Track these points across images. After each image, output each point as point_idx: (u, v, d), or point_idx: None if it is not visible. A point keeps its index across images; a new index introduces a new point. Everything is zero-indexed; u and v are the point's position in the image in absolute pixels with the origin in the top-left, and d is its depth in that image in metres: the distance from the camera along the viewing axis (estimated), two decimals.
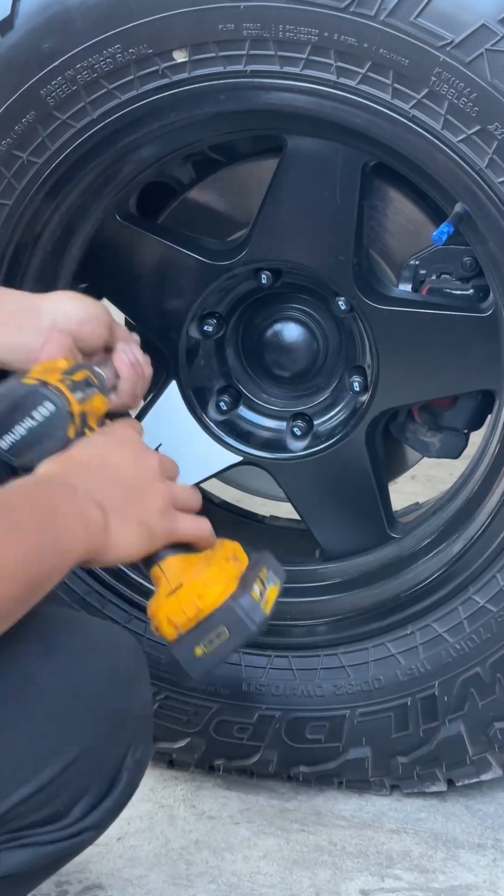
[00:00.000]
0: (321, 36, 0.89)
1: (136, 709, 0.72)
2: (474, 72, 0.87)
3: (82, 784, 0.69)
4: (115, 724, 0.70)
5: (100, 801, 0.70)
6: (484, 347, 1.03)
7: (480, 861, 1.04)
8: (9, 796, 0.66)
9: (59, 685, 0.68)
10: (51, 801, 0.68)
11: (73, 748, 0.68)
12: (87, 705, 0.69)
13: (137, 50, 0.92)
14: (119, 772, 0.70)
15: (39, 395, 0.78)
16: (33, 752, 0.67)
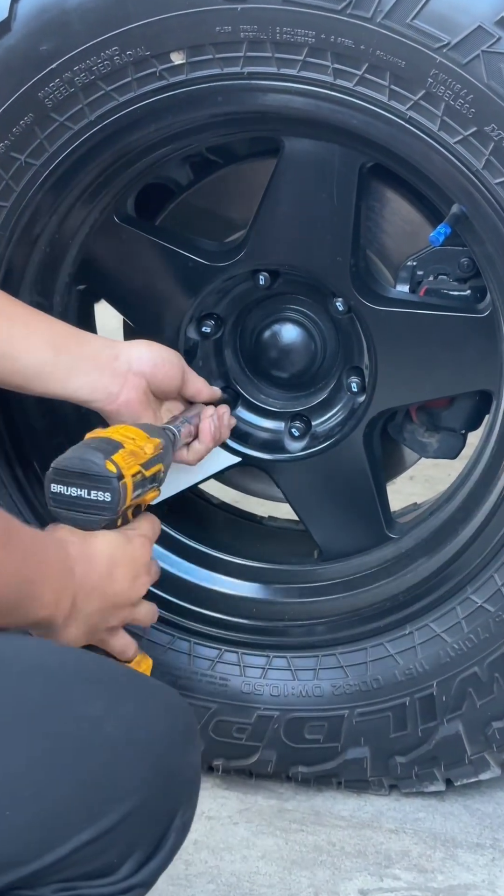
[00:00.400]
0: (318, 38, 0.89)
1: (188, 771, 0.73)
2: (471, 73, 0.88)
3: (135, 839, 0.69)
4: (170, 783, 0.71)
5: (149, 859, 0.70)
6: (481, 348, 1.03)
7: (479, 861, 1.05)
8: (68, 840, 0.66)
9: (124, 736, 0.69)
10: (105, 852, 0.68)
11: (131, 800, 0.68)
12: (147, 760, 0.70)
13: (135, 52, 0.92)
14: (167, 831, 0.71)
15: (106, 485, 0.83)
16: (96, 797, 0.68)
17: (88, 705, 0.69)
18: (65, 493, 0.83)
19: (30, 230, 1.01)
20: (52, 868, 0.67)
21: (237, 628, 1.12)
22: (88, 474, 0.83)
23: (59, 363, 0.91)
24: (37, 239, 1.02)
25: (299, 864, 1.04)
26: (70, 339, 0.93)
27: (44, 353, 0.91)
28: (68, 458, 0.84)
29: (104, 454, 0.84)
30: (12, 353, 0.90)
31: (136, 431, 0.88)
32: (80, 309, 1.13)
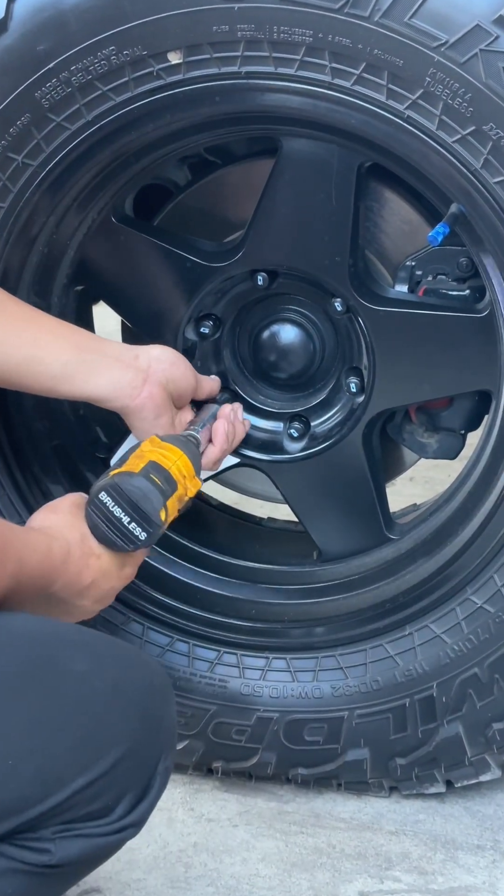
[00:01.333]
0: (315, 37, 0.89)
1: (168, 719, 0.79)
2: (469, 72, 0.87)
3: (126, 782, 0.75)
4: (153, 731, 0.77)
5: (139, 800, 0.77)
6: (480, 348, 1.03)
7: (479, 862, 1.04)
8: (66, 786, 0.73)
9: (110, 690, 0.75)
10: (100, 796, 0.74)
11: (121, 747, 0.75)
12: (133, 710, 0.76)
13: (132, 52, 0.92)
14: (153, 776, 0.77)
15: (149, 527, 0.86)
16: (91, 745, 0.74)
17: (74, 664, 0.75)
18: (109, 507, 0.85)
19: (27, 231, 1.00)
20: (52, 812, 0.73)
21: (236, 630, 1.12)
22: (141, 509, 0.85)
23: (83, 362, 0.94)
24: (34, 240, 1.02)
25: (299, 866, 1.04)
26: (92, 341, 0.97)
27: (68, 354, 0.94)
28: (132, 484, 0.85)
29: (163, 497, 0.87)
30: (40, 356, 0.93)
31: (187, 467, 0.90)
32: (79, 310, 1.13)
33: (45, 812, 0.73)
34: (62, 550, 0.82)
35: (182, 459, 0.90)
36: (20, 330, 0.93)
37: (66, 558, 0.82)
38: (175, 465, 0.89)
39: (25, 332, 0.93)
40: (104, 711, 0.75)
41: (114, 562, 0.87)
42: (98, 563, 0.85)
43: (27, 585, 0.79)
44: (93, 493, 0.86)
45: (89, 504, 0.86)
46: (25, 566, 0.78)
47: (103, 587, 0.86)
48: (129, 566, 0.89)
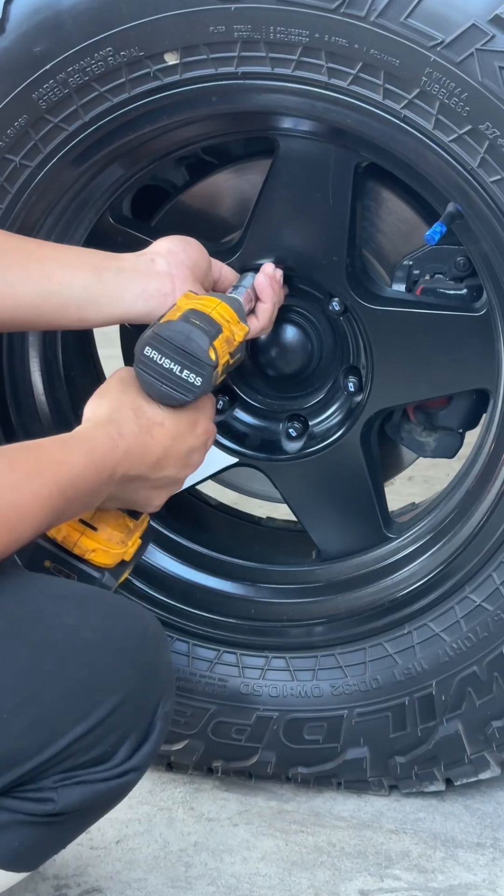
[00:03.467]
0: (312, 37, 0.89)
1: (163, 665, 0.80)
2: (465, 72, 0.88)
3: (125, 728, 0.76)
4: (149, 677, 0.78)
5: (140, 745, 0.77)
6: (478, 347, 1.03)
7: (479, 860, 1.04)
8: (65, 734, 0.73)
9: (101, 639, 0.76)
10: (99, 743, 0.75)
11: (117, 694, 0.75)
12: (126, 657, 0.77)
13: (129, 53, 0.92)
14: (153, 720, 0.78)
15: (202, 370, 0.83)
16: (84, 694, 0.75)
17: (62, 617, 0.76)
18: (157, 360, 0.82)
19: (25, 232, 1.00)
20: (50, 762, 0.73)
21: (236, 629, 1.12)
22: (189, 353, 0.82)
23: (104, 282, 0.89)
24: None
25: (299, 865, 1.04)
26: (104, 258, 0.91)
27: (85, 277, 0.89)
28: (173, 329, 0.82)
29: (209, 338, 0.83)
30: (56, 289, 0.88)
31: (228, 311, 0.87)
32: None
33: (44, 762, 0.73)
34: (109, 439, 0.80)
35: (221, 306, 0.86)
36: (26, 267, 0.88)
37: (119, 442, 0.80)
38: (214, 310, 0.86)
39: (33, 268, 0.88)
40: (96, 660, 0.75)
41: (182, 422, 0.84)
42: (163, 430, 0.83)
43: (81, 491, 0.77)
44: (137, 350, 0.82)
45: (137, 364, 0.82)
46: (64, 479, 0.76)
47: (180, 451, 0.84)
48: (201, 421, 0.86)
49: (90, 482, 0.79)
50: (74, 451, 0.79)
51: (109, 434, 0.81)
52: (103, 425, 0.82)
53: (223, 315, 0.87)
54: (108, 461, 0.80)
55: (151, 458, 0.83)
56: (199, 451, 0.87)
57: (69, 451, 0.79)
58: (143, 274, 0.90)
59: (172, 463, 0.84)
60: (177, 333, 0.82)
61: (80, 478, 0.78)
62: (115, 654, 0.77)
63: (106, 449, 0.80)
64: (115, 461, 0.81)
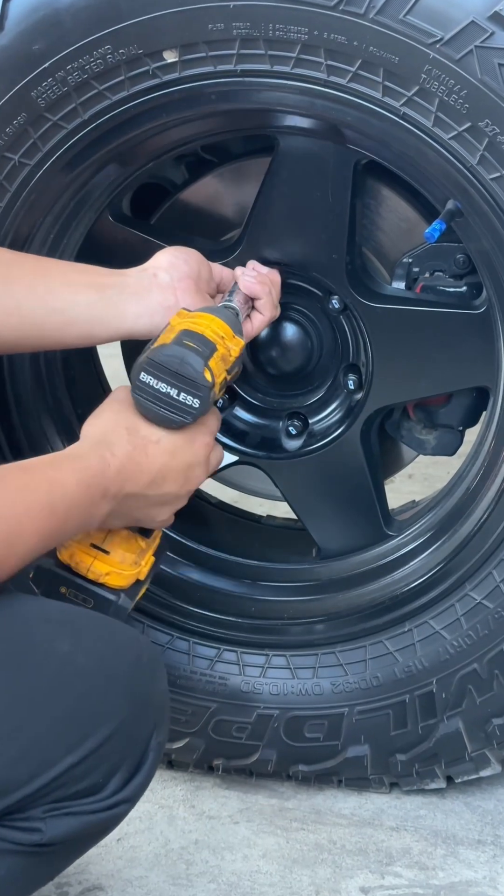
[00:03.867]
0: (311, 34, 0.89)
1: (157, 694, 0.79)
2: (464, 69, 0.87)
3: (117, 758, 0.75)
4: (143, 706, 0.77)
5: (132, 776, 0.76)
6: (478, 344, 1.03)
7: (480, 857, 1.05)
8: (54, 766, 0.72)
9: (95, 666, 0.75)
10: (90, 774, 0.74)
11: (110, 723, 0.74)
12: (119, 686, 0.76)
13: (127, 50, 0.92)
14: (146, 751, 0.77)
15: (199, 392, 0.83)
16: (76, 724, 0.74)
17: (56, 643, 0.75)
18: (153, 385, 0.82)
19: (24, 230, 1.00)
20: (40, 792, 0.72)
21: (236, 627, 1.12)
22: (184, 376, 0.82)
23: (107, 299, 0.90)
24: (31, 239, 1.02)
25: (300, 862, 1.04)
26: (106, 275, 0.92)
27: (88, 294, 0.89)
28: (167, 353, 0.82)
29: (203, 359, 0.83)
30: (61, 306, 0.89)
31: (222, 327, 0.87)
32: None
33: (33, 792, 0.72)
34: (100, 459, 0.80)
35: (214, 322, 0.87)
36: (31, 285, 0.88)
37: (111, 461, 0.80)
38: (208, 327, 0.86)
39: (38, 286, 0.89)
40: (89, 689, 0.74)
41: (179, 440, 0.84)
42: (159, 448, 0.83)
43: (75, 510, 0.77)
44: (133, 376, 0.83)
45: (133, 390, 0.83)
46: (56, 498, 0.76)
47: (179, 467, 0.84)
48: (199, 436, 0.85)
49: (83, 501, 0.79)
50: (65, 470, 0.79)
51: (101, 454, 0.81)
52: (95, 445, 0.81)
53: (217, 332, 0.87)
54: (101, 480, 0.80)
55: (147, 476, 0.82)
56: (200, 466, 0.86)
57: (60, 469, 0.79)
58: (146, 289, 0.91)
59: (172, 479, 0.84)
60: (171, 357, 0.83)
61: (72, 497, 0.78)
62: (108, 682, 0.75)
63: (97, 468, 0.80)
64: (107, 480, 0.80)
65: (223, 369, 0.86)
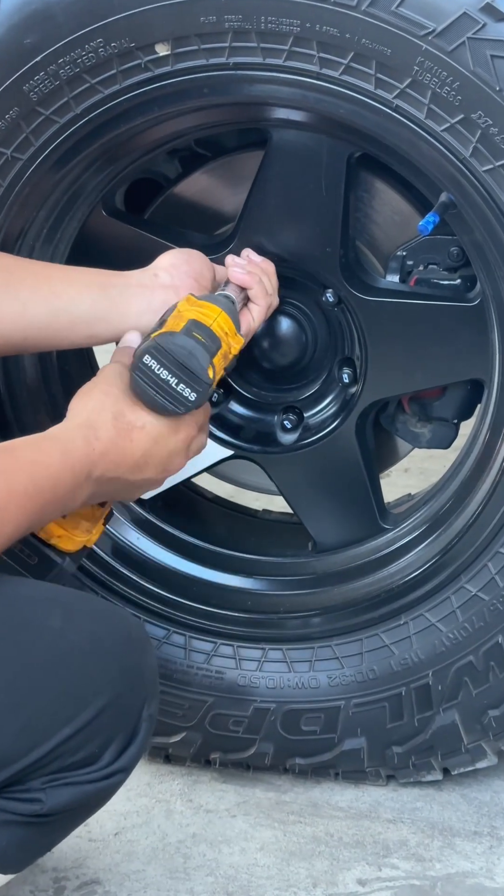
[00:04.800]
0: (303, 27, 0.89)
1: (148, 668, 0.81)
2: (457, 60, 0.87)
3: (111, 730, 0.78)
4: (134, 679, 0.79)
5: (126, 747, 0.79)
6: (472, 337, 1.03)
7: (477, 848, 1.05)
8: (52, 737, 0.75)
9: (86, 643, 0.77)
10: (86, 745, 0.76)
11: (103, 696, 0.76)
12: (111, 661, 0.78)
13: (119, 44, 0.92)
14: (138, 722, 0.80)
15: (198, 386, 0.83)
16: (71, 697, 0.76)
17: (49, 620, 0.76)
18: (154, 370, 0.82)
19: (17, 225, 1.00)
20: (38, 763, 0.74)
21: (232, 621, 1.12)
22: (188, 369, 0.82)
23: (110, 298, 0.91)
24: (25, 234, 1.02)
25: (297, 855, 1.04)
26: (109, 275, 0.93)
27: (92, 293, 0.90)
28: (175, 343, 0.82)
29: (209, 355, 0.83)
30: (65, 307, 0.90)
31: (227, 322, 0.87)
32: None
33: (32, 764, 0.74)
34: (85, 441, 0.80)
35: (222, 316, 0.87)
36: (35, 287, 0.89)
37: (95, 445, 0.80)
38: (216, 321, 0.86)
39: (42, 287, 0.90)
40: (82, 664, 0.76)
41: (164, 427, 0.84)
42: (144, 434, 0.83)
43: (58, 492, 0.78)
44: (136, 356, 0.82)
45: (134, 369, 0.82)
46: (40, 479, 0.77)
47: (160, 455, 0.84)
48: (183, 426, 0.85)
49: (66, 483, 0.79)
50: (50, 453, 0.79)
51: (86, 436, 0.81)
52: (80, 427, 0.82)
53: (223, 327, 0.87)
54: (84, 463, 0.80)
55: (130, 461, 0.83)
56: (181, 455, 0.87)
57: (44, 452, 0.79)
58: (148, 288, 0.92)
59: (153, 465, 0.84)
60: (179, 347, 0.83)
61: (56, 478, 0.78)
62: (101, 656, 0.78)
63: (81, 452, 0.81)
64: (90, 463, 0.81)
65: (223, 366, 0.86)
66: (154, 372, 0.82)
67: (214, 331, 0.86)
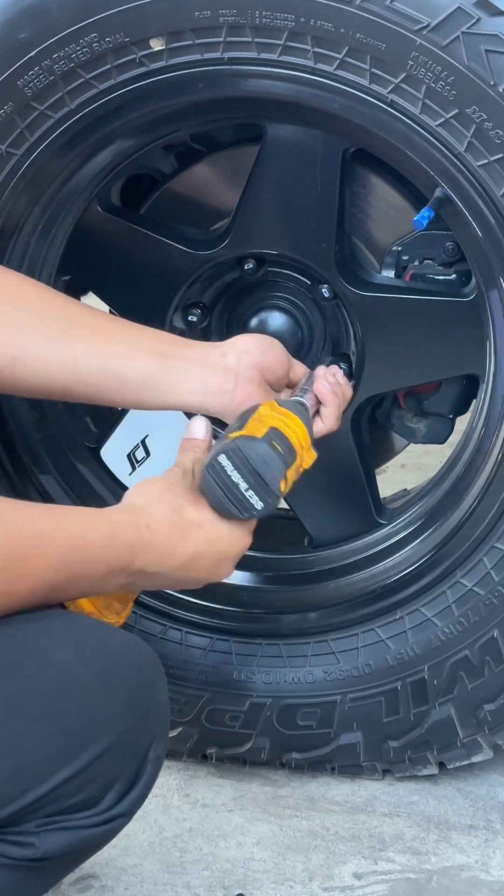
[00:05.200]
0: (298, 21, 0.89)
1: (157, 705, 0.77)
2: (451, 55, 0.87)
3: (114, 772, 0.73)
4: (142, 718, 0.74)
5: (128, 790, 0.74)
6: (467, 332, 1.03)
7: (472, 842, 1.05)
8: (48, 779, 0.70)
9: (94, 677, 0.73)
10: (86, 787, 0.71)
11: (107, 736, 0.72)
12: (119, 697, 0.73)
13: (114, 39, 0.92)
14: (143, 763, 0.74)
15: (268, 497, 0.82)
16: (73, 736, 0.71)
17: (56, 653, 0.72)
18: (227, 471, 0.81)
19: (13, 220, 1.00)
20: (34, 805, 0.70)
21: (229, 617, 1.13)
22: (262, 478, 0.81)
23: (167, 370, 0.88)
24: (20, 229, 1.01)
25: (294, 849, 1.04)
26: (173, 345, 0.90)
27: (148, 363, 0.88)
28: (255, 450, 0.81)
29: (285, 467, 0.83)
30: (117, 370, 0.87)
31: (305, 437, 0.86)
32: None
33: (26, 806, 0.70)
34: (135, 530, 0.76)
35: (301, 428, 0.86)
36: (91, 342, 0.86)
37: (145, 535, 0.76)
38: (294, 433, 0.85)
39: (98, 343, 0.86)
40: (87, 701, 0.72)
41: (222, 530, 0.81)
42: (200, 533, 0.79)
43: (89, 573, 0.74)
44: (213, 454, 0.81)
45: (207, 466, 0.81)
46: (77, 554, 0.73)
47: (211, 557, 0.80)
48: (239, 533, 0.82)
49: (101, 567, 0.75)
50: (96, 531, 0.75)
51: (137, 524, 0.77)
52: (134, 513, 0.78)
53: (301, 440, 0.86)
54: (128, 552, 0.76)
55: (180, 558, 0.79)
56: (231, 560, 0.83)
57: (91, 528, 0.75)
58: (210, 368, 0.89)
59: (201, 567, 0.80)
60: (257, 454, 0.81)
61: (93, 559, 0.74)
62: (108, 693, 0.73)
63: (128, 539, 0.76)
64: (134, 554, 0.77)
65: (294, 480, 0.85)
66: (226, 473, 0.81)
67: (293, 443, 0.85)
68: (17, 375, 0.86)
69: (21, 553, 0.71)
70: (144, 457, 1.12)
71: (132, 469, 1.13)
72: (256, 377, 0.90)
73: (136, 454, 1.13)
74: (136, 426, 1.12)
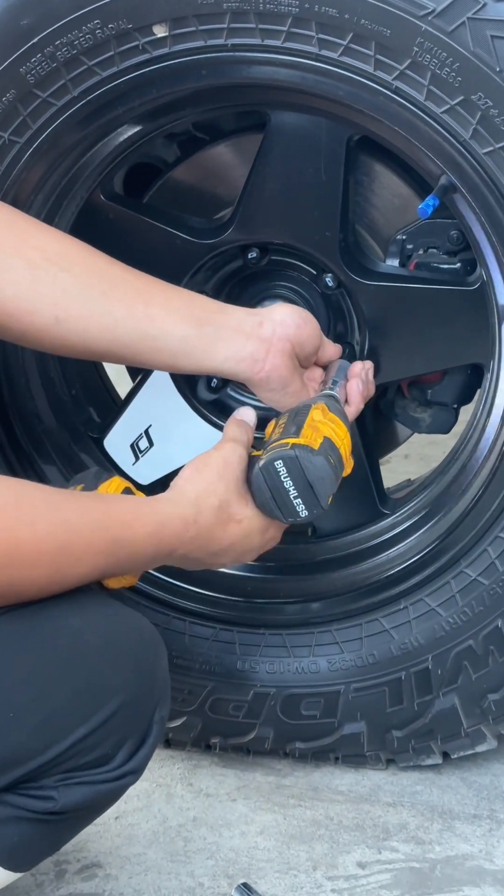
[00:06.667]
0: (302, 7, 0.88)
1: (161, 670, 0.82)
2: (456, 41, 0.87)
3: (124, 731, 0.78)
4: (148, 681, 0.80)
5: (137, 748, 0.79)
6: (472, 321, 1.02)
7: (476, 831, 1.05)
8: (69, 735, 0.75)
9: (104, 642, 0.78)
10: (100, 745, 0.76)
11: (118, 697, 0.77)
12: (127, 662, 0.78)
13: (117, 25, 0.91)
14: (150, 724, 0.80)
15: (314, 508, 0.86)
16: (88, 697, 0.76)
17: (67, 619, 0.77)
18: (281, 476, 0.83)
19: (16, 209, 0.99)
20: (53, 762, 0.75)
21: (232, 607, 1.13)
22: (314, 490, 0.84)
23: (203, 336, 0.90)
24: None
25: (298, 838, 1.05)
26: (211, 311, 0.91)
27: (186, 328, 0.89)
28: (313, 462, 0.83)
29: (336, 482, 0.86)
30: (153, 334, 0.89)
31: (348, 445, 0.88)
32: None
33: (48, 761, 0.74)
34: (183, 522, 0.82)
35: (347, 438, 0.88)
36: (131, 306, 0.88)
37: (191, 528, 0.82)
38: (343, 443, 0.88)
39: (137, 308, 0.88)
40: (100, 664, 0.76)
41: (259, 525, 0.86)
42: (239, 528, 0.85)
43: (135, 558, 0.80)
44: (269, 456, 0.83)
45: (262, 468, 0.84)
46: (124, 543, 0.78)
47: (243, 547, 0.86)
48: (272, 531, 0.88)
49: (147, 554, 0.81)
50: (144, 521, 0.81)
51: (185, 519, 0.82)
52: (184, 506, 0.83)
53: (347, 452, 0.88)
54: (172, 544, 0.83)
55: (215, 547, 0.85)
56: (257, 552, 0.89)
57: (140, 517, 0.81)
58: (245, 335, 0.91)
59: (231, 554, 0.86)
60: (314, 469, 0.84)
61: (139, 547, 0.80)
62: (117, 657, 0.78)
63: (175, 530, 0.82)
64: (178, 544, 0.83)
65: (336, 488, 0.88)
66: (280, 478, 0.83)
67: (343, 455, 0.87)
68: (62, 335, 0.88)
69: (73, 545, 0.76)
70: (148, 447, 1.12)
71: (135, 459, 1.12)
72: (288, 349, 0.92)
73: (140, 444, 1.12)
74: (140, 416, 1.12)
